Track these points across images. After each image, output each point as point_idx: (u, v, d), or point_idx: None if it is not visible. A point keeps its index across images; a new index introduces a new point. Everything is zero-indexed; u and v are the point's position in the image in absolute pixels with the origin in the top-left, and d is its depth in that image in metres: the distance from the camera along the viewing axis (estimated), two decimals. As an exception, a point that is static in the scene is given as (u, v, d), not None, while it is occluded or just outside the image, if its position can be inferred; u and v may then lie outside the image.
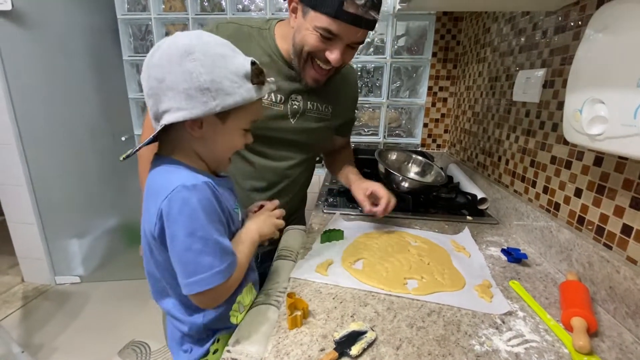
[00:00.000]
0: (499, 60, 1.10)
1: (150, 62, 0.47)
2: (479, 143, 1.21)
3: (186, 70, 0.44)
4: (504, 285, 0.65)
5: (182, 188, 0.45)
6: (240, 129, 0.53)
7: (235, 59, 0.48)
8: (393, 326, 0.53)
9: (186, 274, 0.46)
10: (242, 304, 0.58)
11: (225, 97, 0.46)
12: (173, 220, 0.45)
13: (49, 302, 1.91)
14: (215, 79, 0.45)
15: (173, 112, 0.46)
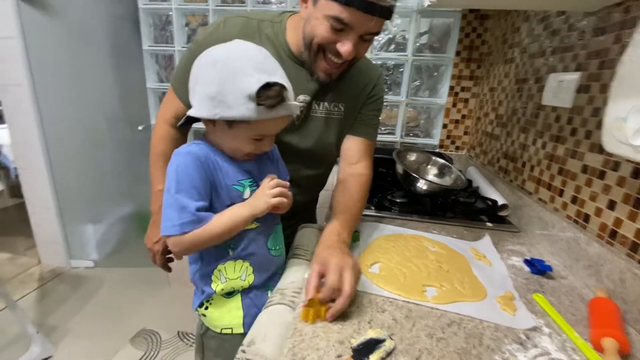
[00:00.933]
0: (528, 61, 1.05)
1: (197, 62, 0.55)
2: (501, 147, 1.17)
3: (208, 77, 0.52)
4: (527, 298, 0.63)
5: (175, 154, 0.56)
6: (248, 138, 0.56)
7: (250, 79, 0.50)
8: (412, 335, 0.51)
9: (162, 221, 0.55)
10: (223, 274, 0.61)
11: (226, 109, 0.51)
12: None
13: (64, 284, 1.96)
14: (221, 91, 0.51)
15: (192, 107, 0.56)
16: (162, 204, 0.55)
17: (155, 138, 0.83)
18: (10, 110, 1.84)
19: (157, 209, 0.84)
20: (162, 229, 0.55)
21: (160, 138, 0.82)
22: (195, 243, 0.56)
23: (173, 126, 0.81)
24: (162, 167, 0.82)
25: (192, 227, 0.54)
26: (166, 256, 0.88)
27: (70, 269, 2.10)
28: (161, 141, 0.82)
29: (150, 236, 0.85)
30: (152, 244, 0.85)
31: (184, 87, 0.75)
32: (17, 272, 2.03)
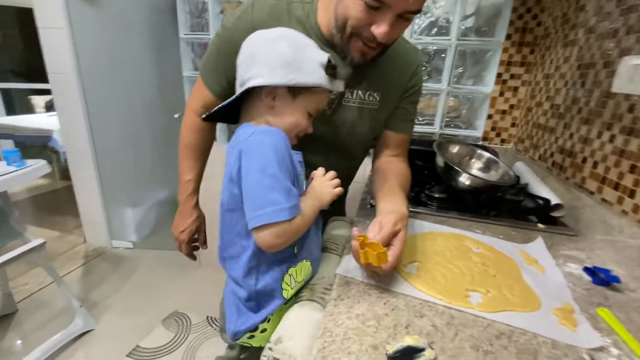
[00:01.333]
0: (595, 43, 0.93)
1: (247, 43, 0.57)
2: (556, 140, 1.05)
3: (276, 48, 0.53)
4: (589, 312, 0.55)
5: (259, 132, 0.52)
6: (306, 111, 0.58)
7: (317, 51, 0.56)
8: (454, 346, 0.46)
9: (254, 207, 0.48)
10: (294, 278, 0.57)
11: (302, 74, 0.53)
12: (247, 157, 0.50)
13: (106, 263, 2.08)
14: (297, 58, 0.53)
15: (255, 78, 0.54)
16: (254, 187, 0.48)
17: (184, 128, 0.82)
18: (59, 97, 1.95)
19: (183, 199, 0.84)
20: (265, 217, 0.46)
21: (188, 128, 0.81)
22: (298, 231, 0.52)
23: (201, 116, 0.79)
24: (190, 158, 0.82)
25: (297, 212, 0.50)
26: (192, 245, 0.88)
27: (111, 249, 2.23)
28: (189, 131, 0.81)
29: (177, 225, 0.86)
30: (178, 232, 0.85)
31: (213, 76, 0.73)
32: (65, 249, 2.19)
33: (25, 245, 1.23)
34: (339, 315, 0.50)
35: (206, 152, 0.86)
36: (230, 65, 0.68)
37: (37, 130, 2.50)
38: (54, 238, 2.32)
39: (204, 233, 0.90)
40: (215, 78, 0.73)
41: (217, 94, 0.75)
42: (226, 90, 0.74)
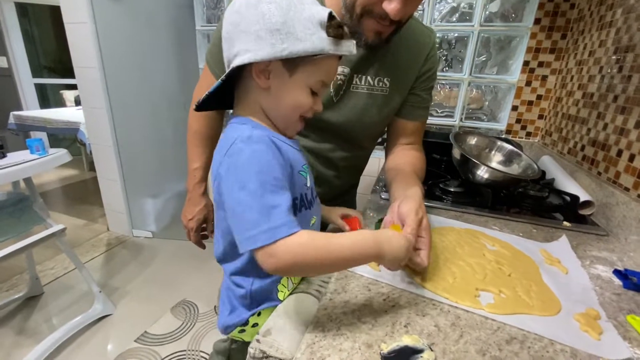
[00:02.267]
0: (635, 24, 0.83)
1: (231, 9, 0.46)
2: (588, 132, 0.96)
3: (260, 12, 0.42)
4: (618, 319, 0.49)
5: (239, 141, 0.43)
6: (308, 87, 0.47)
7: (313, 7, 0.44)
8: (458, 349, 0.42)
9: (237, 230, 0.41)
10: (291, 280, 0.54)
11: (295, 42, 0.42)
12: (227, 172, 0.43)
13: (126, 251, 2.15)
14: (287, 21, 0.42)
15: (241, 54, 0.44)
16: (236, 206, 0.41)
17: (192, 116, 0.82)
18: (84, 91, 2.02)
19: (191, 187, 0.84)
20: (245, 241, 0.40)
21: (196, 116, 0.81)
22: (302, 260, 0.39)
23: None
24: (198, 145, 0.82)
25: (289, 231, 0.39)
26: (201, 233, 0.88)
27: (132, 238, 2.31)
28: (196, 120, 0.81)
29: (186, 213, 0.86)
30: (187, 220, 0.85)
31: (219, 63, 0.71)
32: (89, 236, 2.28)
33: (47, 230, 1.28)
34: (334, 310, 0.47)
35: (214, 140, 0.85)
36: None
37: (67, 123, 2.62)
38: (80, 226, 2.42)
39: (212, 222, 0.90)
40: (220, 65, 0.71)
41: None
42: None
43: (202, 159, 0.83)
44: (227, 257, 0.53)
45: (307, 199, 0.52)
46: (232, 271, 0.53)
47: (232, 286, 0.55)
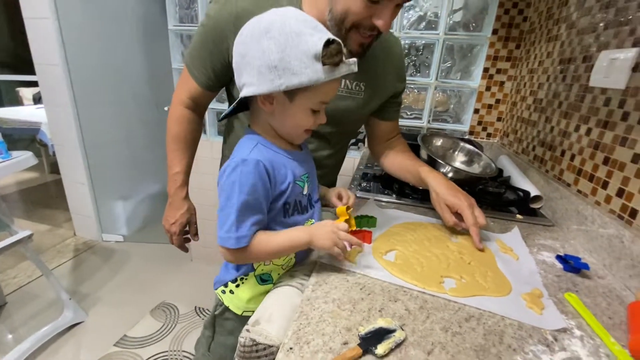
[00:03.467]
0: (575, 38, 0.94)
1: (239, 39, 0.51)
2: (538, 134, 1.08)
3: (261, 47, 0.47)
4: (557, 297, 0.57)
5: (238, 161, 0.51)
6: (309, 109, 0.53)
7: (310, 38, 0.47)
8: (425, 328, 0.48)
9: (218, 226, 0.53)
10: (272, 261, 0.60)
11: (291, 76, 0.47)
12: (223, 182, 0.53)
13: (96, 256, 2.08)
14: (284, 57, 0.46)
15: (247, 86, 0.50)
16: (220, 209, 0.52)
17: (171, 120, 0.81)
18: (46, 89, 1.93)
19: (173, 191, 0.84)
20: (219, 238, 0.52)
21: (175, 120, 0.80)
22: (248, 258, 0.55)
23: (188, 107, 0.79)
24: (178, 150, 0.82)
25: (247, 242, 0.52)
26: (183, 237, 0.89)
27: (101, 242, 2.23)
28: (177, 123, 0.81)
29: (168, 217, 0.86)
30: (169, 225, 0.86)
31: (198, 66, 0.73)
32: (55, 242, 2.18)
33: (12, 237, 1.22)
34: (316, 300, 0.52)
35: (194, 144, 0.86)
36: (216, 56, 0.69)
37: (25, 123, 2.47)
38: (44, 232, 2.30)
39: (195, 225, 0.90)
40: (200, 69, 0.73)
41: (203, 85, 0.75)
42: (212, 81, 0.74)
43: (182, 164, 0.83)
44: None
45: (301, 205, 0.59)
46: None
47: None
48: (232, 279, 0.62)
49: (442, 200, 0.72)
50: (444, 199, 0.71)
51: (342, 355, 0.41)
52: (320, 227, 0.56)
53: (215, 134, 1.78)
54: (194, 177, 0.89)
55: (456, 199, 0.70)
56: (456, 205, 0.70)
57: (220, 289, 0.63)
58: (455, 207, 0.70)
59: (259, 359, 0.46)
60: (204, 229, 1.25)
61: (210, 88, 0.75)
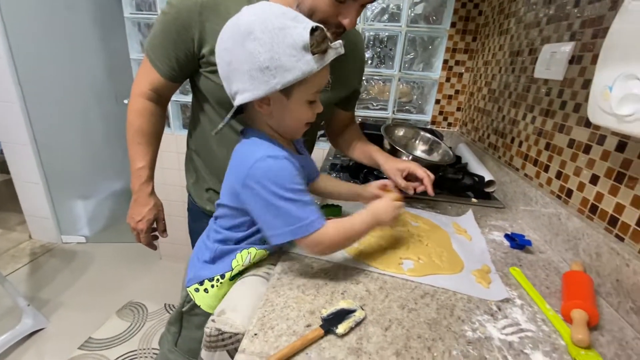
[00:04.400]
0: (523, 32, 1.01)
1: (220, 45, 0.50)
2: (492, 123, 1.15)
3: (247, 51, 0.46)
4: (504, 271, 0.63)
5: (267, 157, 0.49)
6: (306, 102, 0.53)
7: (295, 30, 0.46)
8: (384, 306, 0.51)
9: (275, 226, 0.50)
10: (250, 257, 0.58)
11: (285, 73, 0.46)
12: (258, 183, 0.49)
13: (56, 259, 1.97)
14: (274, 56, 0.45)
15: (241, 93, 0.49)
16: (271, 216, 0.49)
17: (132, 113, 0.77)
18: (-11, 82, 1.77)
19: (137, 187, 0.80)
20: (295, 233, 0.49)
21: (137, 113, 0.77)
22: (331, 244, 0.52)
23: (150, 99, 0.76)
24: (141, 144, 0.79)
25: (324, 220, 0.51)
26: (151, 234, 0.87)
27: (61, 244, 2.11)
28: (139, 116, 0.77)
29: (133, 215, 0.83)
30: (135, 222, 0.83)
31: (160, 57, 0.71)
32: (8, 247, 2.03)
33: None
34: (282, 287, 0.54)
35: (158, 137, 0.83)
36: (180, 46, 0.67)
37: (-34, 119, 2.26)
38: (-6, 236, 2.14)
39: (163, 221, 0.88)
40: (163, 59, 0.70)
41: (166, 76, 0.72)
42: (176, 72, 0.72)
43: (146, 158, 0.80)
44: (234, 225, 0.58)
45: None
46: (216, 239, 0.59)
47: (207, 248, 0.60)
48: (210, 277, 0.59)
49: (393, 167, 0.79)
50: (395, 166, 0.79)
51: (304, 337, 0.43)
52: (378, 206, 0.58)
53: (180, 127, 1.73)
54: (158, 172, 0.87)
55: (405, 163, 0.79)
56: (406, 167, 0.78)
57: (194, 286, 0.59)
58: (406, 169, 0.78)
59: (225, 347, 0.47)
60: (171, 225, 1.22)
61: (174, 79, 0.73)
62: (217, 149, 0.79)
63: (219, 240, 0.59)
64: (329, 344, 0.44)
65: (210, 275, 0.59)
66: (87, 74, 2.06)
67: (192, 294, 0.60)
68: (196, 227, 0.94)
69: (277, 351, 0.41)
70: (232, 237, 0.58)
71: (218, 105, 0.73)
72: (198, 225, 0.91)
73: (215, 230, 0.60)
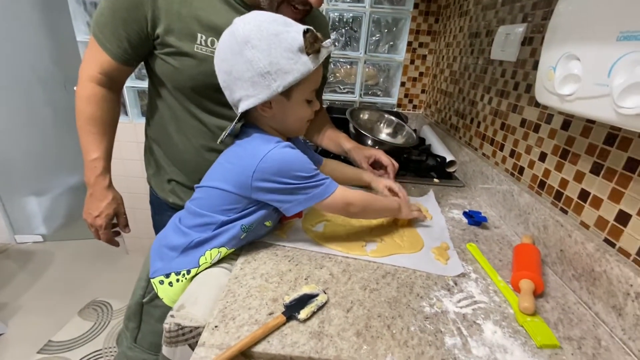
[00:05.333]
0: (480, 14, 1.03)
1: (218, 57, 0.53)
2: (453, 104, 1.18)
3: (246, 59, 0.49)
4: (461, 247, 0.66)
5: (279, 147, 0.53)
6: (304, 101, 0.56)
7: (289, 34, 0.49)
8: (346, 288, 0.52)
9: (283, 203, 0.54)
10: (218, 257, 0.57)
11: (285, 75, 0.49)
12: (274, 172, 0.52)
13: (10, 261, 1.84)
14: (272, 61, 0.48)
15: (244, 100, 0.52)
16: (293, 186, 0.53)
17: (81, 99, 0.71)
18: None
19: (93, 180, 0.75)
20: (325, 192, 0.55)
21: (87, 99, 0.70)
22: (361, 201, 0.59)
23: (101, 84, 0.70)
24: (94, 133, 0.73)
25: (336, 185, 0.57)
26: (112, 230, 0.82)
27: (15, 245, 1.97)
28: (89, 103, 0.71)
29: (90, 210, 0.77)
30: (93, 218, 0.77)
31: (110, 37, 0.65)
32: (-48, 250, 1.87)
33: None
34: (244, 277, 0.53)
35: (113, 125, 0.77)
36: (130, 25, 0.62)
37: None
38: (-64, 240, 1.96)
39: (124, 215, 0.83)
40: (112, 39, 0.64)
41: (118, 58, 0.66)
42: (129, 54, 0.66)
43: (100, 148, 0.74)
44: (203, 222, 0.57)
45: None
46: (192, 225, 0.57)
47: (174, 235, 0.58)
48: (176, 271, 0.56)
49: (360, 154, 0.83)
50: (362, 153, 0.83)
51: (266, 325, 0.43)
52: (403, 202, 0.69)
53: (138, 115, 1.63)
54: (119, 164, 0.82)
55: (371, 150, 0.83)
56: (372, 154, 0.82)
57: (159, 278, 0.58)
58: (372, 156, 0.82)
59: (186, 341, 0.47)
60: (136, 219, 1.17)
61: (127, 62, 0.68)
62: (177, 137, 0.75)
63: (198, 225, 0.56)
64: (291, 329, 0.44)
65: (178, 268, 0.56)
66: (30, 59, 1.87)
67: (156, 286, 0.58)
68: (160, 219, 0.90)
69: (237, 341, 0.41)
70: (216, 220, 0.55)
71: (175, 89, 0.68)
72: (161, 218, 0.87)
73: (193, 213, 0.57)
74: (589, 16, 0.44)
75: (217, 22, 0.63)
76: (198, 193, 0.59)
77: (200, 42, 0.63)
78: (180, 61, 0.64)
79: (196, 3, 0.62)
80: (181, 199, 0.81)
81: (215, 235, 0.55)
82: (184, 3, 0.61)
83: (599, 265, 0.50)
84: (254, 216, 0.56)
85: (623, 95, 0.36)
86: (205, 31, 0.63)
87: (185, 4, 0.61)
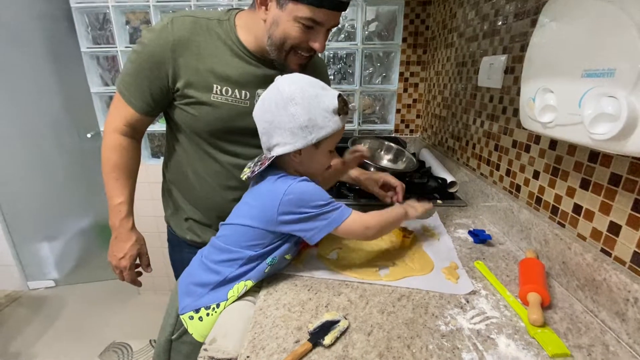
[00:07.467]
0: (465, 45, 1.12)
1: (261, 108, 0.61)
2: (448, 127, 1.24)
3: (290, 113, 0.57)
4: (469, 265, 0.69)
5: (297, 182, 0.60)
6: (328, 151, 0.65)
7: (326, 97, 0.59)
8: (365, 313, 0.55)
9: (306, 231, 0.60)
10: (244, 289, 0.61)
11: (319, 130, 0.59)
12: (296, 203, 0.58)
13: (24, 308, 1.85)
14: (311, 117, 0.58)
15: (281, 145, 0.60)
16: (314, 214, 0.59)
17: (107, 149, 0.78)
18: None
19: (117, 224, 0.80)
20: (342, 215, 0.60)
21: (112, 149, 0.78)
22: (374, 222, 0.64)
23: (125, 134, 0.78)
24: (119, 179, 0.79)
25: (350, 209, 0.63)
26: (135, 270, 0.86)
27: (28, 292, 1.98)
28: (114, 152, 0.78)
29: (115, 252, 0.81)
30: (117, 260, 0.81)
31: (135, 93, 0.73)
32: (-33, 301, 1.88)
33: None
34: (268, 308, 0.56)
35: (135, 172, 0.83)
36: (154, 82, 0.70)
37: None
38: (-51, 291, 1.97)
39: (146, 255, 0.87)
40: (138, 95, 0.73)
41: (142, 111, 0.74)
42: (151, 107, 0.74)
43: (125, 193, 0.80)
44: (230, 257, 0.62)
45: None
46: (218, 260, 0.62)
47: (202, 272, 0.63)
48: (206, 305, 0.60)
49: (370, 179, 0.93)
50: (371, 178, 0.93)
51: (294, 352, 0.46)
52: (409, 202, 0.75)
53: (149, 156, 1.71)
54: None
55: (379, 174, 0.93)
56: (381, 177, 0.92)
57: (189, 314, 0.61)
58: (381, 179, 0.92)
59: (220, 373, 0.49)
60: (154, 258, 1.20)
61: (149, 113, 0.76)
62: (193, 177, 0.81)
63: (225, 260, 0.61)
64: (317, 355, 0.47)
65: (208, 303, 0.60)
66: (45, 109, 1.98)
67: (186, 322, 0.61)
68: (177, 257, 0.94)
69: (270, 369, 0.44)
70: (244, 255, 0.60)
71: (193, 134, 0.76)
72: (179, 255, 0.91)
73: (220, 249, 0.62)
74: (557, 54, 0.51)
75: (229, 73, 0.72)
76: (224, 230, 0.64)
77: (216, 91, 0.71)
78: (199, 109, 0.72)
79: (211, 58, 0.71)
80: (198, 236, 0.86)
81: (245, 270, 0.60)
82: (200, 59, 0.70)
83: (599, 274, 0.53)
84: (279, 251, 0.61)
85: (593, 123, 0.42)
86: (220, 82, 0.71)
87: (201, 59, 0.70)
